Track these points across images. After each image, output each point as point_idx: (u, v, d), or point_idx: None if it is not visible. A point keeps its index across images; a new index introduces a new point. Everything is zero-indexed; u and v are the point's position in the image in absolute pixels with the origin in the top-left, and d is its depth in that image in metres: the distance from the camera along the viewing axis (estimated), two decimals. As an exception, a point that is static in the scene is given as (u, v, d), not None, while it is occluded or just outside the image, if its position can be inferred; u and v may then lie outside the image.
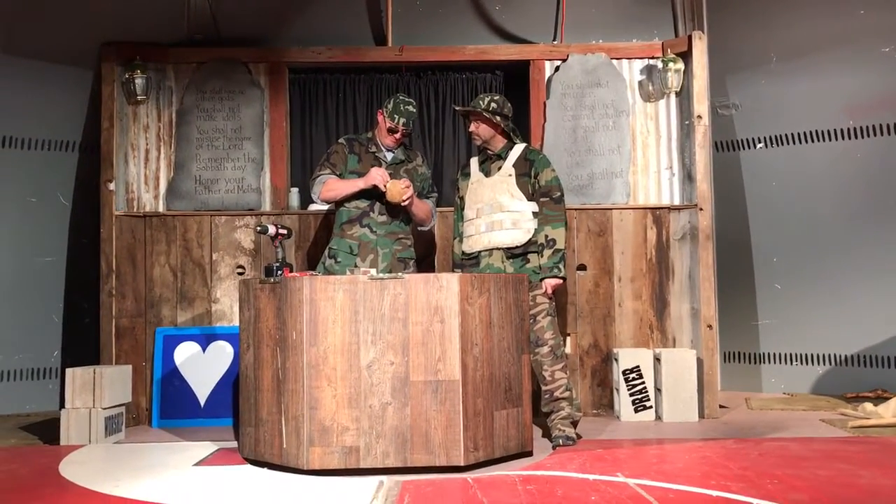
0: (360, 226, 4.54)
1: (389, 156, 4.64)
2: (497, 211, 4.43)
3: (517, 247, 4.39)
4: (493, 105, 4.46)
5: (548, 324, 4.36)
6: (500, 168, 4.49)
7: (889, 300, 5.84)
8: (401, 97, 4.59)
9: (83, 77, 5.68)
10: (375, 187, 4.43)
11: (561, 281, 4.38)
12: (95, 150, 5.50)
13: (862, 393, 5.72)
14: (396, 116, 4.52)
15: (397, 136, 4.58)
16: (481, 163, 4.59)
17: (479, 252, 4.47)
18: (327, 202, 4.62)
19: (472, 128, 4.52)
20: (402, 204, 4.43)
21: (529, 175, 4.44)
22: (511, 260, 4.41)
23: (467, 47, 5.62)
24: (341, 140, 4.69)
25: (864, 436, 4.48)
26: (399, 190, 4.38)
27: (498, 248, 4.42)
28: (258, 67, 5.55)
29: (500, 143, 4.53)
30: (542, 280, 4.36)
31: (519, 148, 4.53)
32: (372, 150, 4.63)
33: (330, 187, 4.52)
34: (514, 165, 4.47)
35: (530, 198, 4.43)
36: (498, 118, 4.45)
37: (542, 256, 4.37)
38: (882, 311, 5.85)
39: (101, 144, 5.30)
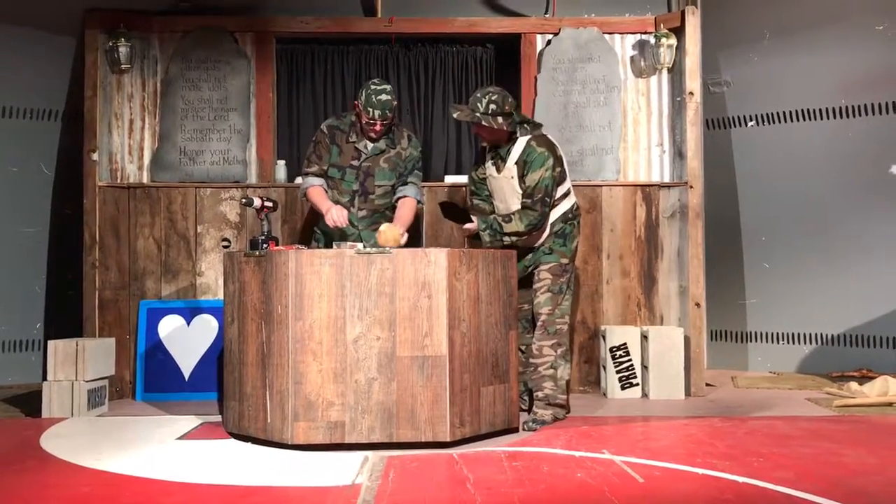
0: None
1: (370, 146, 4.44)
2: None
3: (537, 246, 4.32)
4: (493, 106, 4.16)
5: (545, 300, 4.28)
6: (505, 166, 4.32)
7: (876, 280, 5.85)
8: (373, 86, 4.30)
9: (66, 44, 5.57)
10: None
11: (473, 227, 4.24)
12: (78, 120, 5.40)
13: (847, 372, 5.74)
14: (370, 109, 4.25)
15: (376, 128, 4.33)
16: (492, 157, 4.40)
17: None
18: None
19: (475, 130, 4.35)
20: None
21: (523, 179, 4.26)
22: (530, 255, 4.34)
23: (458, 19, 5.53)
24: (323, 127, 4.51)
25: (849, 415, 4.49)
26: (395, 240, 4.09)
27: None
28: (245, 37, 5.45)
29: (505, 139, 4.31)
30: (549, 259, 4.29)
31: (520, 145, 4.27)
32: (352, 139, 4.44)
33: (311, 196, 4.44)
34: (516, 164, 4.28)
35: None
36: (500, 119, 4.18)
37: (496, 217, 4.25)
38: (869, 291, 5.86)
39: (85, 114, 5.20)
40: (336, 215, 4.28)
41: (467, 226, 4.33)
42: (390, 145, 4.47)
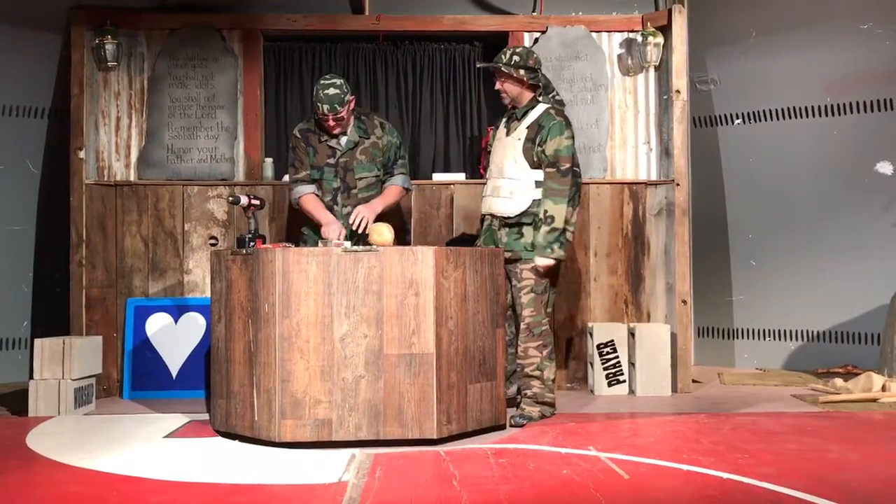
0: None
1: (343, 140, 4.40)
2: (500, 176, 4.30)
3: (511, 217, 4.26)
4: (516, 58, 4.25)
5: (528, 301, 4.25)
6: (518, 126, 4.32)
7: (860, 277, 5.89)
8: (322, 80, 4.27)
9: (52, 42, 5.55)
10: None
11: (552, 262, 4.19)
12: (65, 117, 5.39)
13: (832, 369, 5.78)
14: (319, 104, 4.22)
15: (329, 123, 4.29)
16: (507, 119, 4.42)
17: (485, 214, 4.40)
18: None
19: (498, 85, 4.34)
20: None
21: (535, 142, 4.23)
22: (506, 229, 4.30)
23: (446, 17, 5.54)
24: (295, 132, 4.48)
25: (834, 411, 4.53)
26: (385, 240, 4.09)
27: (494, 216, 4.34)
28: (232, 34, 5.45)
29: (527, 99, 4.33)
30: (533, 258, 4.21)
31: (539, 109, 4.30)
32: (324, 138, 4.40)
33: (305, 205, 4.39)
34: (528, 128, 4.27)
35: (535, 165, 4.24)
36: (522, 72, 4.24)
37: (538, 232, 4.18)
38: (853, 289, 5.90)
39: (71, 111, 5.18)
40: (333, 233, 4.22)
41: (542, 266, 4.17)
42: (364, 136, 4.44)
